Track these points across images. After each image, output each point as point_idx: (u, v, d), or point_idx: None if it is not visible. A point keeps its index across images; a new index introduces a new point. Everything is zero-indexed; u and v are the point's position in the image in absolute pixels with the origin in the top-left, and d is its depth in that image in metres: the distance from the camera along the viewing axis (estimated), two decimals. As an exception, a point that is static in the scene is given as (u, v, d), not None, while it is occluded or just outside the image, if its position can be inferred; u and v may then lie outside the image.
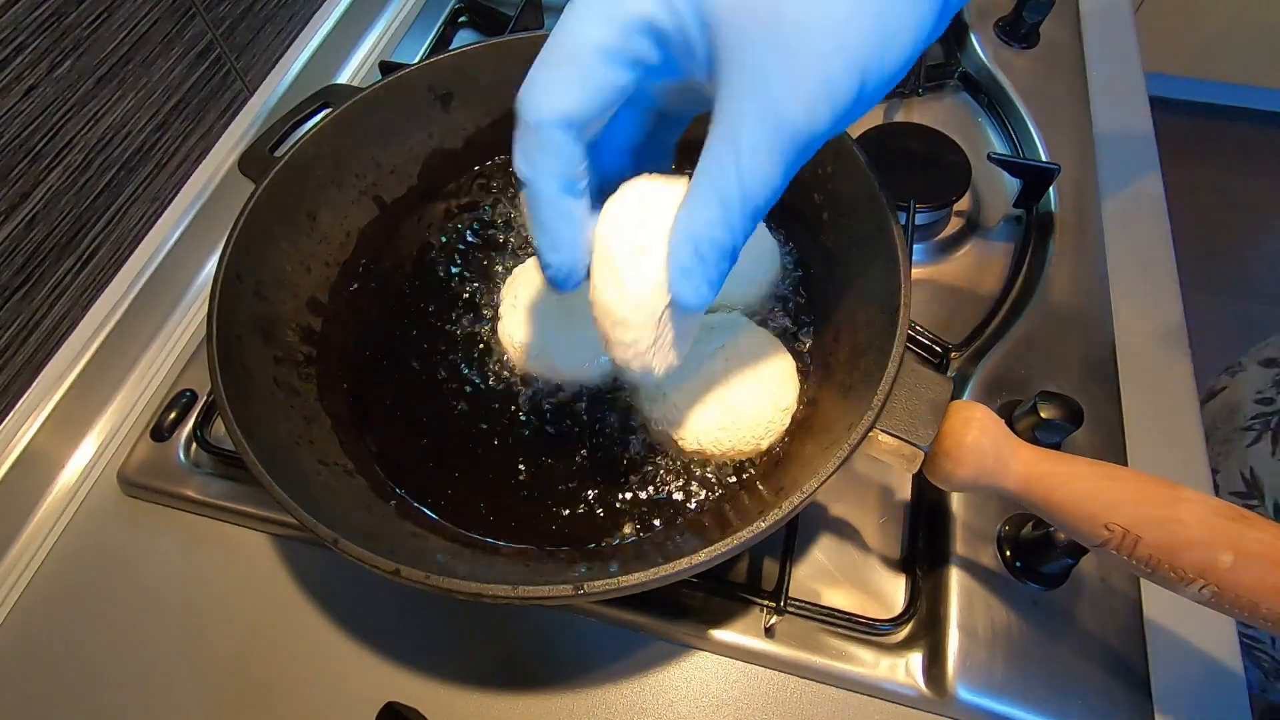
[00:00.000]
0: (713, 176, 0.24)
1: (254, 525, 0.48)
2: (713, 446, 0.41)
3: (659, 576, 0.31)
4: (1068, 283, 0.55)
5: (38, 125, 0.46)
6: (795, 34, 0.22)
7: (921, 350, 0.54)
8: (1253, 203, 1.80)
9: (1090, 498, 0.33)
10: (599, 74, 0.24)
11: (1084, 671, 0.41)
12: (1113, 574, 0.44)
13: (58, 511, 0.50)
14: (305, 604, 0.46)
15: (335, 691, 0.43)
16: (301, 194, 0.47)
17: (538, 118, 0.25)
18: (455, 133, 0.53)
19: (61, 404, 0.51)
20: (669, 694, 0.43)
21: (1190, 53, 1.78)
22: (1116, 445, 0.48)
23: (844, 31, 0.23)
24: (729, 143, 0.24)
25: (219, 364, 0.38)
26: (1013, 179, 0.61)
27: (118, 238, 0.54)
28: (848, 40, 0.23)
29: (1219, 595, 0.31)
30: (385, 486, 0.43)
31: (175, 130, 0.56)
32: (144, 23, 0.52)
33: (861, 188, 0.44)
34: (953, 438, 0.35)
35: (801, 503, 0.33)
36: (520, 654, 0.44)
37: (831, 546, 0.46)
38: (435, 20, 0.75)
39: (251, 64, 0.62)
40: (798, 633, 0.43)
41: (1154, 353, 0.53)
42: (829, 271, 0.48)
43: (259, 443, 0.37)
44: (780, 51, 0.23)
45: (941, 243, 0.60)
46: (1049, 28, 0.70)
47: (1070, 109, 0.66)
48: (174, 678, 0.44)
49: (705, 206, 0.25)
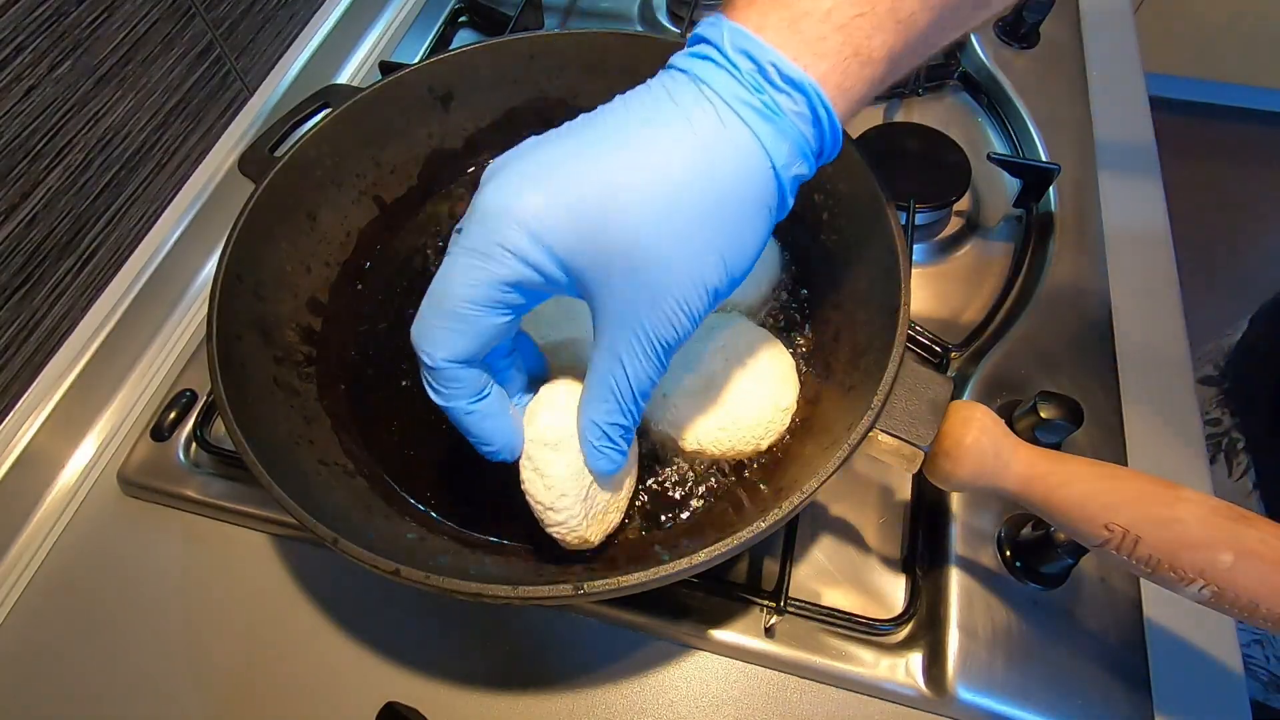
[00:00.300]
0: (605, 381, 0.30)
1: (254, 525, 0.48)
2: (713, 446, 0.41)
3: (659, 576, 0.31)
4: (1068, 283, 0.55)
5: (38, 125, 0.46)
6: (652, 277, 0.27)
7: (921, 350, 0.54)
8: (1252, 203, 1.80)
9: (1090, 498, 0.33)
10: (479, 324, 0.28)
11: (1084, 671, 0.41)
12: (1113, 574, 0.44)
13: (58, 511, 0.50)
14: (305, 604, 0.46)
15: (335, 691, 0.43)
16: (301, 194, 0.47)
17: (434, 361, 0.29)
18: (455, 133, 0.53)
19: (61, 404, 0.51)
20: (669, 694, 0.43)
21: (1190, 53, 1.79)
22: (1116, 445, 0.48)
23: (692, 268, 0.27)
24: (614, 358, 0.29)
25: (219, 364, 0.38)
26: (1013, 179, 0.61)
27: (118, 238, 0.54)
28: (696, 272, 0.27)
29: (1219, 595, 0.31)
30: (385, 486, 0.43)
31: (175, 130, 0.56)
32: (144, 23, 0.52)
33: (861, 187, 0.44)
34: (952, 438, 0.35)
35: (801, 503, 0.33)
36: (520, 654, 0.44)
37: (831, 546, 0.46)
38: (435, 20, 0.75)
39: (251, 64, 0.62)
40: (798, 633, 0.43)
41: (1154, 353, 0.53)
42: (829, 271, 0.48)
43: (259, 443, 0.37)
44: (642, 290, 0.27)
45: (941, 243, 0.60)
46: (1049, 28, 0.70)
47: (1070, 109, 0.66)
48: (174, 678, 0.44)
49: (603, 402, 0.30)
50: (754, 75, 0.26)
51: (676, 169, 0.26)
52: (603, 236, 0.27)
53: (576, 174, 0.27)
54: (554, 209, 0.27)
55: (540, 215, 0.27)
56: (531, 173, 0.27)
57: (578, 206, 0.27)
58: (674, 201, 0.26)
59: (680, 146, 0.26)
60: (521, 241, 0.27)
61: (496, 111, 0.53)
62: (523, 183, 0.27)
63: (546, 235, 0.27)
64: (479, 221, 0.27)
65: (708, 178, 0.27)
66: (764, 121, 0.27)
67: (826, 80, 0.27)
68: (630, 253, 0.27)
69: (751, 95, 0.26)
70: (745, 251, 0.28)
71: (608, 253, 0.27)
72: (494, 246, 0.27)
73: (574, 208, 0.27)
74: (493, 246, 0.27)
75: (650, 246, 0.27)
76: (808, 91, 0.26)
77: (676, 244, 0.27)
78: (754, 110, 0.27)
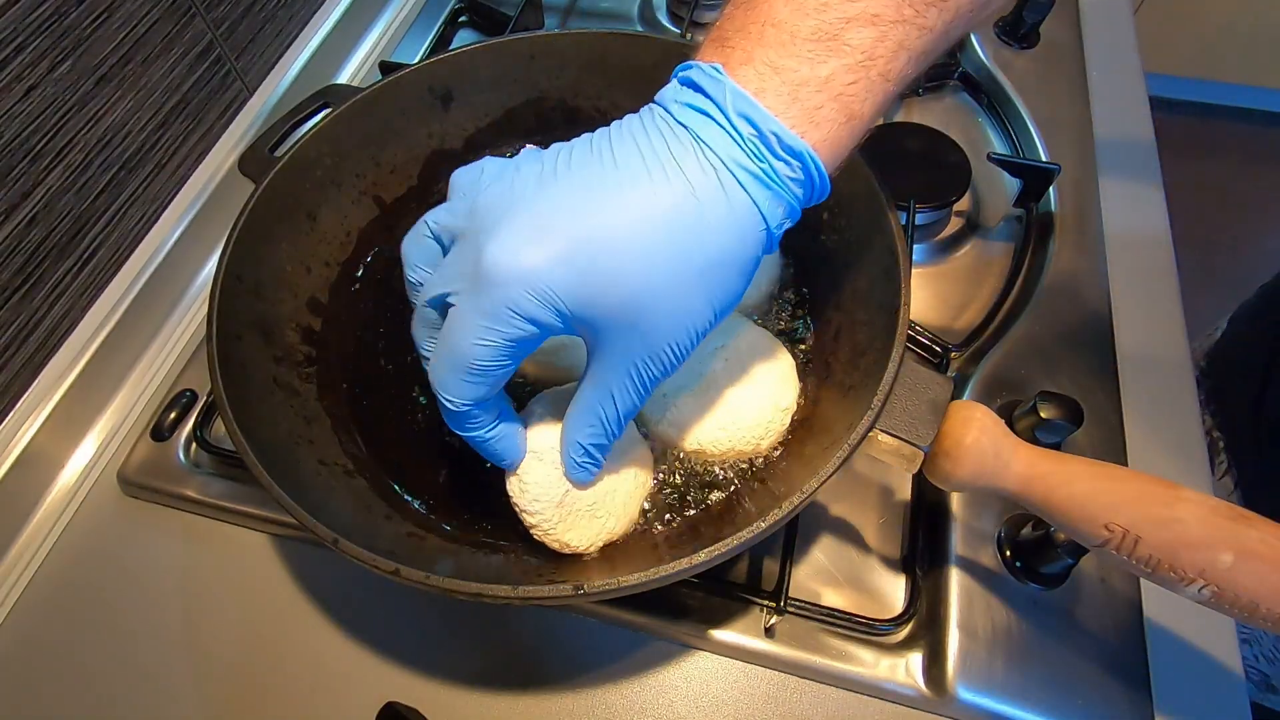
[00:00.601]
0: (593, 409, 0.33)
1: (254, 525, 0.48)
2: (712, 446, 0.41)
3: (659, 576, 0.32)
4: (1068, 283, 0.55)
5: (38, 125, 0.46)
6: (647, 326, 0.29)
7: (921, 350, 0.54)
8: (1252, 203, 1.80)
9: (1090, 498, 0.33)
10: (494, 375, 0.31)
11: (1084, 671, 0.41)
12: (1113, 574, 0.44)
13: (58, 511, 0.50)
14: (305, 604, 0.46)
15: (335, 691, 0.43)
16: (301, 194, 0.47)
17: (455, 406, 0.32)
18: (455, 133, 0.53)
19: (61, 404, 0.51)
20: (669, 694, 0.43)
21: (1190, 53, 1.78)
22: (1116, 445, 0.48)
23: (686, 318, 0.30)
24: (604, 391, 0.32)
25: (219, 364, 0.38)
26: (1013, 179, 0.61)
27: (118, 238, 0.54)
28: (688, 321, 0.30)
29: (1219, 595, 0.31)
30: (385, 486, 0.43)
31: (175, 130, 0.57)
32: (144, 23, 0.52)
33: (861, 187, 0.44)
34: (952, 438, 0.35)
35: (801, 503, 0.33)
36: (520, 654, 0.44)
37: (831, 546, 0.46)
38: (435, 20, 0.75)
39: (251, 64, 0.62)
40: (798, 633, 0.43)
41: (1154, 353, 0.53)
42: (829, 271, 0.48)
43: (259, 443, 0.37)
44: (636, 337, 0.30)
45: (941, 243, 0.60)
46: (1049, 28, 0.70)
47: (1070, 109, 0.66)
48: (174, 678, 0.44)
49: (589, 426, 0.33)
50: (755, 141, 0.27)
51: (678, 232, 0.28)
52: (604, 293, 0.28)
53: (579, 231, 0.28)
54: (557, 268, 0.28)
55: (544, 275, 0.28)
56: (532, 228, 0.28)
57: (582, 265, 0.28)
58: (673, 262, 0.28)
59: (681, 211, 0.28)
60: (529, 305, 0.28)
61: (496, 111, 0.53)
62: (525, 241, 0.28)
63: (550, 295, 0.28)
64: (487, 283, 0.28)
65: (707, 242, 0.28)
66: (763, 189, 0.28)
67: (820, 146, 0.28)
68: (628, 306, 0.29)
69: (751, 163, 0.28)
70: (733, 297, 0.30)
71: (607, 306, 0.29)
72: (502, 309, 0.28)
73: (577, 265, 0.28)
74: (501, 309, 0.28)
75: (648, 302, 0.29)
76: (805, 159, 0.28)
77: (672, 300, 0.29)
78: (753, 177, 0.28)
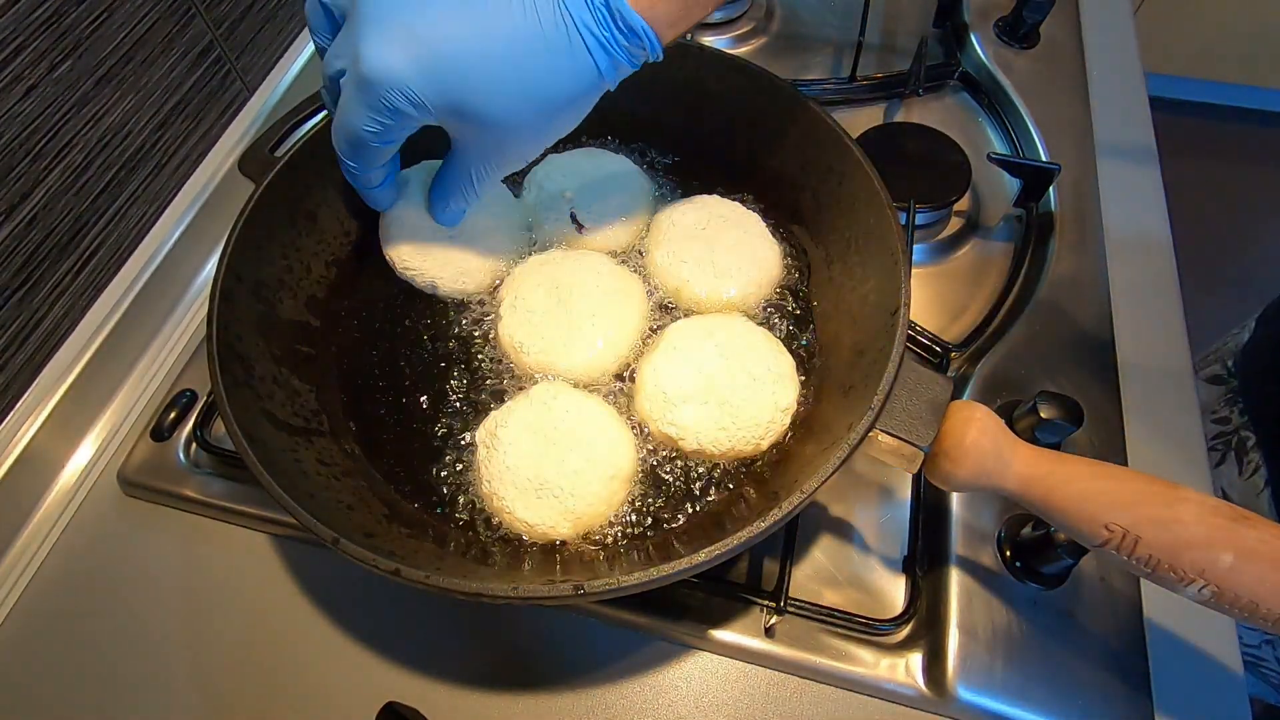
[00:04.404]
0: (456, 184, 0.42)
1: (254, 525, 0.48)
2: (713, 446, 0.41)
3: (659, 576, 0.32)
4: (1068, 283, 0.55)
5: (38, 125, 0.46)
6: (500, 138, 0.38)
7: (921, 350, 0.54)
8: (1253, 203, 1.80)
9: (1090, 498, 0.33)
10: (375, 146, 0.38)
11: (1084, 671, 0.41)
12: (1113, 574, 0.44)
13: (58, 511, 0.50)
14: (305, 604, 0.46)
15: (335, 691, 0.43)
16: (301, 194, 0.47)
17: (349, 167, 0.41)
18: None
19: (61, 404, 0.51)
20: (669, 694, 0.43)
21: (1190, 53, 1.79)
22: (1116, 445, 0.48)
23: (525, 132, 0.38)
24: (465, 175, 0.41)
25: (219, 364, 0.38)
26: (1013, 179, 0.61)
27: (118, 238, 0.54)
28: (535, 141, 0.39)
29: (1219, 595, 0.31)
30: (385, 486, 0.43)
31: (175, 130, 0.57)
32: (144, 23, 0.52)
33: (861, 187, 0.44)
34: (953, 438, 0.35)
35: (801, 503, 0.33)
36: (520, 654, 0.44)
37: (831, 546, 0.46)
38: (435, 20, 0.75)
39: (251, 64, 0.62)
40: (798, 633, 0.43)
41: (1154, 353, 0.53)
42: (829, 271, 0.48)
43: (259, 443, 0.37)
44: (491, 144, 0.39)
45: (941, 243, 0.60)
46: (1049, 28, 0.71)
47: (1070, 109, 0.66)
48: (174, 677, 0.44)
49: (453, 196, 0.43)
50: (602, 10, 0.34)
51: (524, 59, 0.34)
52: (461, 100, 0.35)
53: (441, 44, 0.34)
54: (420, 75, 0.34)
55: (408, 78, 0.34)
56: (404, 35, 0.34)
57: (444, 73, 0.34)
58: (518, 85, 0.35)
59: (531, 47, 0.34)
60: (397, 100, 0.35)
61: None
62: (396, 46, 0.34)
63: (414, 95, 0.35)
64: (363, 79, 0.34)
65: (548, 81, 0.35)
66: (602, 50, 0.35)
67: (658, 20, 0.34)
68: (480, 115, 0.36)
69: (597, 28, 0.34)
70: (569, 126, 0.38)
71: (462, 112, 0.36)
72: (376, 101, 0.35)
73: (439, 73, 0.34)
74: (375, 101, 0.35)
75: (496, 116, 0.36)
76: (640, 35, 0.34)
77: (516, 116, 0.36)
78: (595, 38, 0.34)
